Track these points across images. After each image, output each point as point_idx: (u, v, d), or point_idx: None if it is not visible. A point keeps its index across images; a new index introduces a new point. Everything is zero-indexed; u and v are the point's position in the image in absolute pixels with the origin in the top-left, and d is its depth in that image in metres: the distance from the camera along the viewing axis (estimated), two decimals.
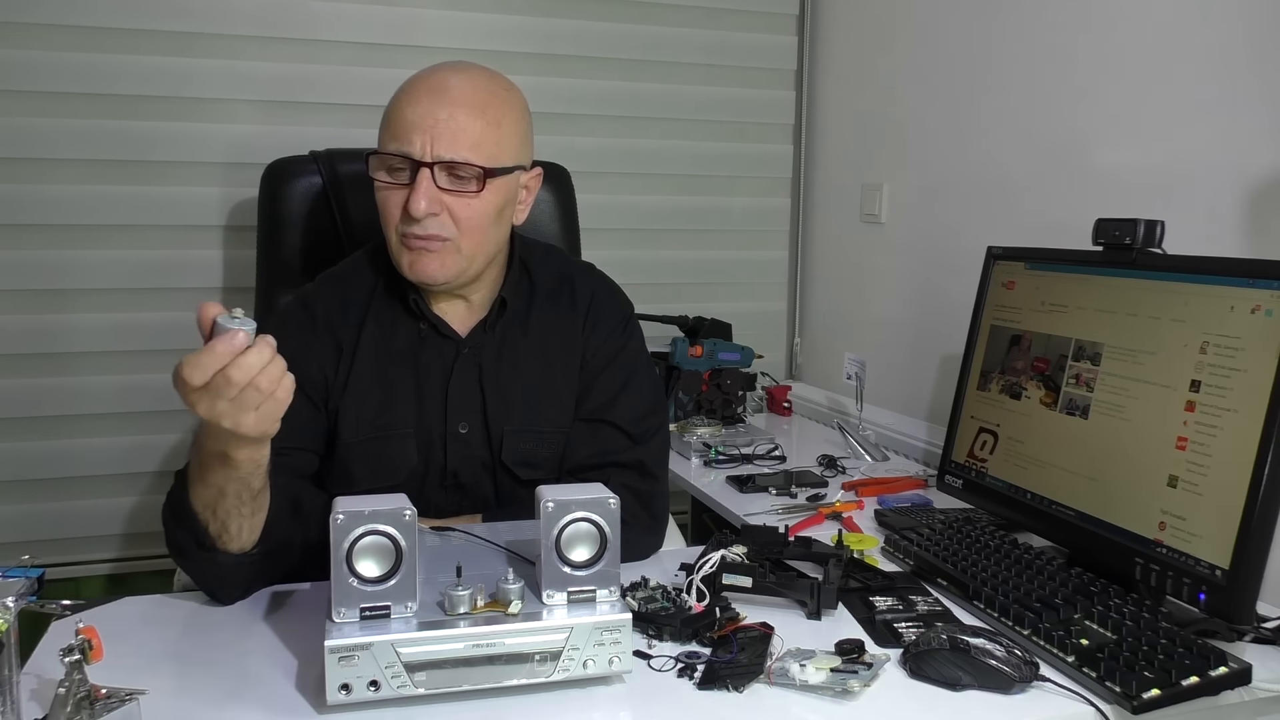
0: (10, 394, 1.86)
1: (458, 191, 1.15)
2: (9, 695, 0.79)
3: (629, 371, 1.31)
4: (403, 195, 1.14)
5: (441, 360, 1.26)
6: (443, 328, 1.26)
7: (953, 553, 1.24)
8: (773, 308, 2.45)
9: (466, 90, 1.16)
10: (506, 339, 1.28)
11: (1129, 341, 1.21)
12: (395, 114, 1.16)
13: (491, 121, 1.16)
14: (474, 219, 1.17)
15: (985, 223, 1.82)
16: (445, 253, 1.17)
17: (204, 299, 0.82)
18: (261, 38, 1.92)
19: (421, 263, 1.17)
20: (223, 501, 1.00)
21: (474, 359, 1.26)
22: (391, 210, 1.17)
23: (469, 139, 1.14)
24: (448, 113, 1.13)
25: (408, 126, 1.13)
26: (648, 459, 1.28)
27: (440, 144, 1.13)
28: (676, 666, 0.98)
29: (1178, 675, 0.93)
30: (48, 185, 1.84)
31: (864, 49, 2.20)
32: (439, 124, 1.13)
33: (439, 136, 1.13)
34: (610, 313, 1.33)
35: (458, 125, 1.14)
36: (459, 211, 1.16)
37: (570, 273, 1.35)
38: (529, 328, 1.29)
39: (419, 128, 1.13)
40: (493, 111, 1.17)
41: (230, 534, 1.03)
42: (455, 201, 1.15)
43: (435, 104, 1.14)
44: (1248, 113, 1.34)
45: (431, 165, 1.13)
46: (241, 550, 1.05)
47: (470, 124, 1.14)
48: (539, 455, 1.27)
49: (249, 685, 0.93)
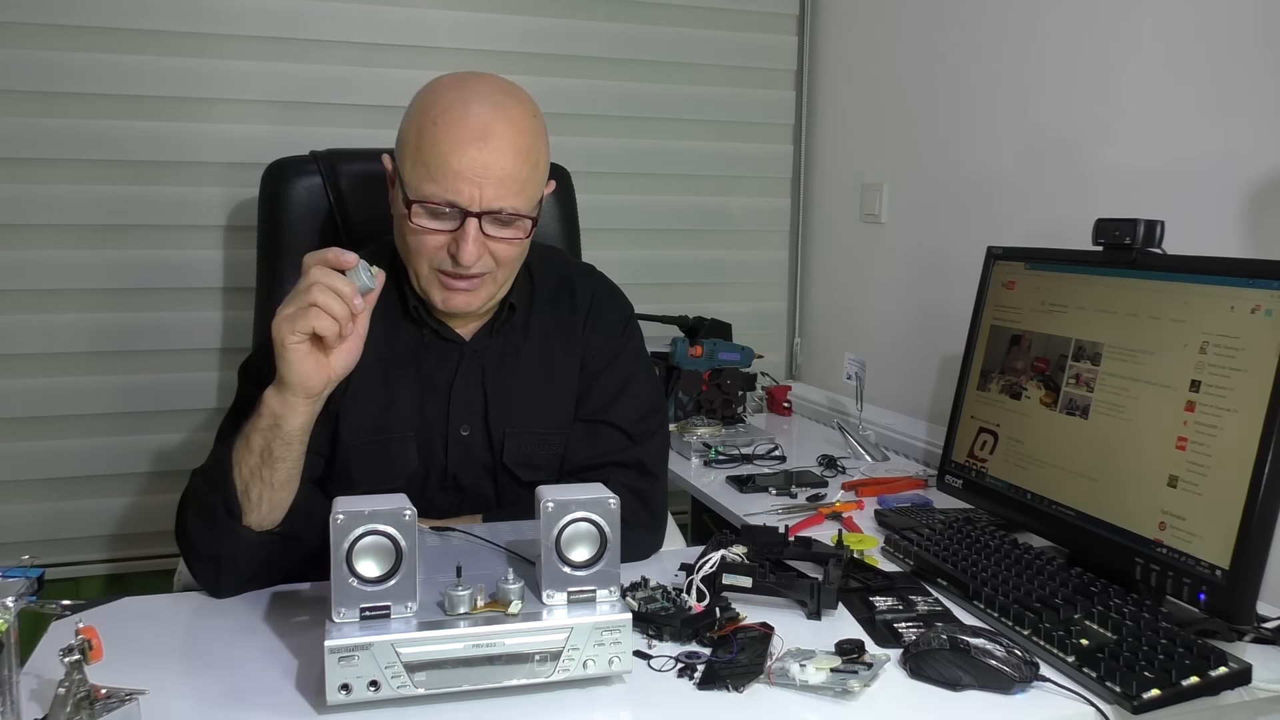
0: (11, 394, 1.86)
1: (503, 239, 1.16)
2: (9, 695, 0.79)
3: (629, 372, 1.32)
4: (443, 238, 1.14)
5: (445, 363, 1.26)
6: (445, 331, 1.26)
7: (953, 553, 1.24)
8: (773, 308, 2.45)
9: (509, 136, 1.13)
10: (508, 341, 1.28)
11: (1129, 341, 1.21)
12: (436, 158, 1.11)
13: (532, 164, 1.16)
14: (513, 255, 1.19)
15: (985, 223, 1.82)
16: (482, 286, 1.19)
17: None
18: (262, 38, 1.92)
19: (457, 299, 1.18)
20: (257, 468, 1.05)
21: (478, 362, 1.27)
22: (429, 250, 1.16)
23: (515, 187, 1.14)
24: (496, 160, 1.12)
25: (453, 175, 1.11)
26: (647, 458, 1.29)
27: (488, 194, 1.12)
28: (676, 666, 0.98)
29: (1178, 675, 0.93)
30: (48, 185, 1.84)
31: (864, 49, 2.20)
32: (487, 173, 1.11)
33: (486, 187, 1.12)
34: (610, 314, 1.33)
35: (505, 174, 1.12)
36: (500, 250, 1.17)
37: (570, 275, 1.35)
38: (530, 330, 1.29)
39: (465, 178, 1.11)
40: (533, 153, 1.16)
41: (251, 501, 1.06)
42: (500, 246, 1.16)
43: (482, 153, 1.11)
44: (1248, 113, 1.34)
45: (480, 215, 1.13)
46: (260, 527, 1.07)
47: (516, 171, 1.13)
48: (540, 457, 1.27)
49: (249, 685, 0.93)
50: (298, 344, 1.01)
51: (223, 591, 1.11)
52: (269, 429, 1.04)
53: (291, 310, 1.01)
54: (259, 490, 1.06)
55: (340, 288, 1.01)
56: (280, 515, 1.08)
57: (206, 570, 1.11)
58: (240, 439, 1.07)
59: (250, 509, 1.06)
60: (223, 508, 1.06)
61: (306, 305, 1.00)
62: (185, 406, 1.95)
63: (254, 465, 1.05)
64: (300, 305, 1.01)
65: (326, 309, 1.01)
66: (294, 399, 1.04)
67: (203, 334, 1.94)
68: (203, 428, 1.95)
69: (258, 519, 1.07)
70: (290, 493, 1.08)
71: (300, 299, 1.01)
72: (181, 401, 1.94)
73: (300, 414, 1.05)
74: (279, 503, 1.08)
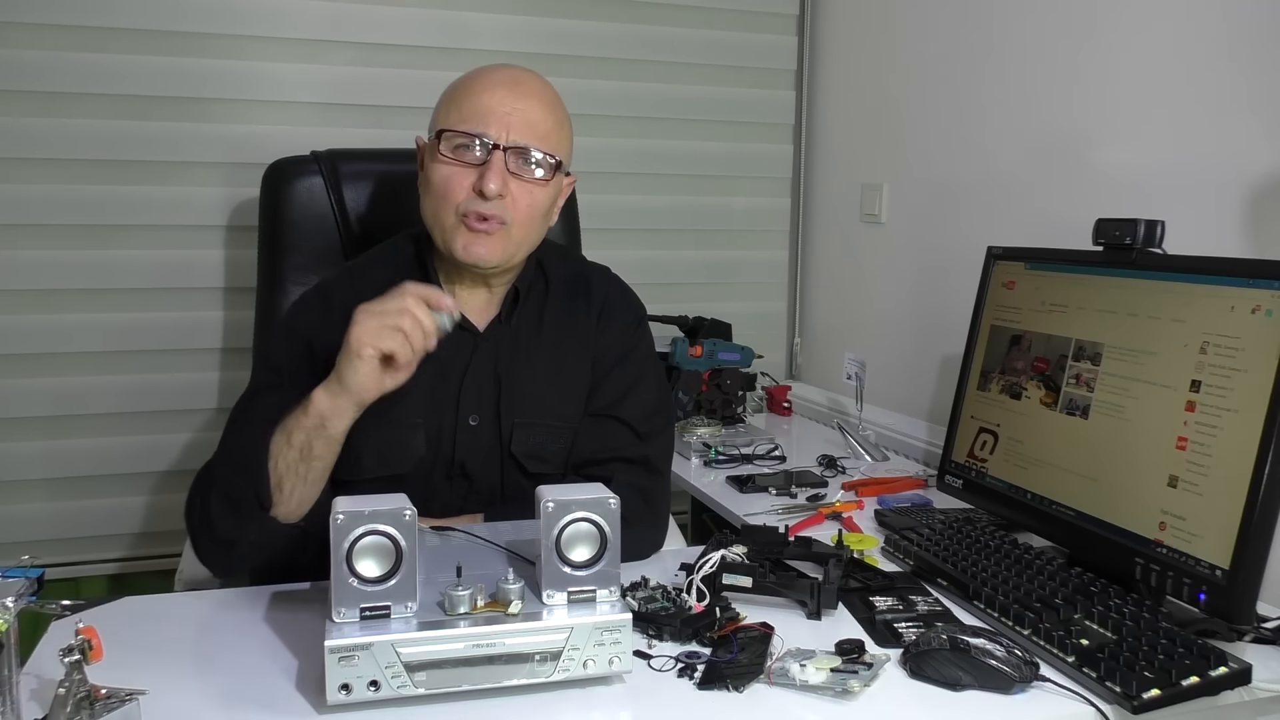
0: (10, 394, 1.86)
1: (524, 179, 1.20)
2: (9, 695, 0.79)
3: (639, 372, 1.33)
4: (470, 174, 1.18)
5: (459, 352, 1.27)
6: (462, 320, 1.27)
7: (953, 553, 1.24)
8: (773, 308, 2.45)
9: (539, 87, 1.23)
10: (522, 333, 1.30)
11: (1129, 341, 1.21)
12: (468, 99, 1.19)
13: (559, 120, 1.24)
14: (532, 207, 1.22)
15: (985, 223, 1.82)
16: (500, 236, 1.20)
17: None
18: (262, 38, 1.92)
19: (478, 244, 1.20)
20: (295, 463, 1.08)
21: (491, 352, 1.28)
22: (455, 189, 1.19)
23: (542, 130, 1.20)
24: (525, 104, 1.19)
25: (484, 111, 1.18)
26: (653, 455, 1.30)
27: (516, 130, 1.18)
28: (676, 666, 0.98)
29: (1178, 675, 0.93)
30: (48, 185, 1.84)
31: (864, 49, 2.20)
32: (515, 112, 1.18)
33: (515, 123, 1.18)
34: (623, 314, 1.36)
35: (535, 116, 1.20)
36: (520, 198, 1.20)
37: (586, 273, 1.38)
38: (544, 324, 1.31)
39: (495, 113, 1.18)
40: (559, 112, 1.25)
41: (283, 494, 1.09)
42: (520, 188, 1.20)
43: (512, 94, 1.19)
44: (1248, 113, 1.34)
45: (506, 149, 1.18)
46: (287, 520, 1.10)
47: (544, 117, 1.21)
48: (548, 449, 1.28)
49: (249, 685, 0.93)
50: (371, 356, 1.05)
51: (229, 572, 1.14)
52: (314, 428, 1.08)
53: (376, 325, 1.05)
54: (292, 484, 1.09)
55: (426, 323, 1.06)
56: (306, 510, 1.11)
57: (219, 553, 1.14)
58: (280, 433, 1.09)
59: (281, 501, 1.09)
60: (253, 497, 1.08)
61: (394, 327, 1.05)
62: (185, 406, 1.95)
63: (292, 460, 1.08)
64: (387, 324, 1.05)
65: (410, 336, 1.05)
66: (346, 404, 1.08)
67: (203, 334, 1.94)
68: (203, 428, 1.95)
69: (285, 511, 1.10)
70: (319, 489, 1.12)
71: (389, 317, 1.05)
72: (182, 401, 1.94)
73: (347, 418, 1.09)
74: (308, 498, 1.11)
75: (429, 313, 1.07)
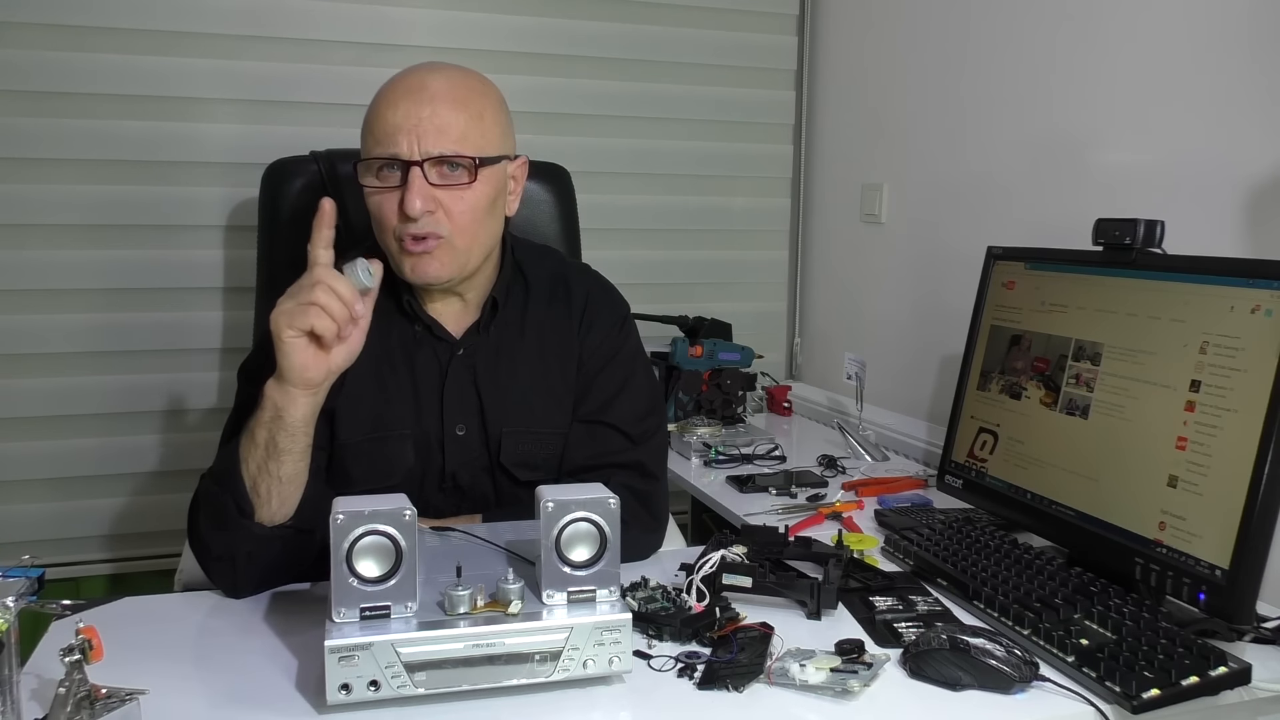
0: (10, 394, 1.86)
1: (450, 185, 1.15)
2: (9, 695, 0.79)
3: (627, 372, 1.31)
4: (395, 198, 1.14)
5: (437, 362, 1.26)
6: (437, 329, 1.26)
7: (953, 553, 1.24)
8: (773, 308, 2.45)
9: (444, 87, 1.16)
10: (503, 340, 1.28)
11: (1129, 341, 1.21)
12: (376, 119, 1.16)
13: (474, 114, 1.17)
14: (467, 212, 1.17)
15: (985, 223, 1.82)
16: (442, 251, 1.17)
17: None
18: (263, 38, 1.92)
19: (422, 264, 1.17)
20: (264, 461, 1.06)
21: (468, 361, 1.27)
22: (387, 215, 1.16)
23: (455, 133, 1.14)
24: (430, 110, 1.14)
25: (391, 129, 1.14)
26: (647, 459, 1.28)
27: (427, 140, 1.13)
28: (676, 666, 0.98)
29: (1178, 675, 0.93)
30: (48, 185, 1.84)
31: (864, 49, 2.20)
32: (423, 122, 1.13)
33: (425, 134, 1.13)
34: (606, 313, 1.33)
35: (442, 121, 1.14)
36: (452, 206, 1.16)
37: (565, 273, 1.35)
38: (525, 328, 1.29)
39: (403, 129, 1.13)
40: (473, 105, 1.17)
41: (260, 497, 1.06)
42: (448, 196, 1.15)
43: (416, 103, 1.14)
44: (1248, 112, 1.34)
45: (421, 163, 1.13)
46: (272, 522, 1.08)
47: (454, 118, 1.15)
48: (537, 456, 1.27)
49: (249, 685, 0.93)
50: (294, 338, 1.03)
51: (241, 591, 1.11)
52: (272, 421, 1.05)
53: (291, 305, 1.03)
54: (267, 485, 1.06)
55: (342, 290, 1.03)
56: (291, 509, 1.09)
57: (223, 570, 1.11)
58: (245, 434, 1.08)
59: (260, 504, 1.07)
60: (233, 506, 1.07)
61: (307, 303, 1.02)
62: (185, 406, 1.95)
63: (260, 459, 1.06)
64: (301, 301, 1.02)
65: (327, 308, 1.02)
66: (294, 390, 1.05)
67: (203, 334, 1.94)
68: (203, 428, 1.95)
69: (269, 514, 1.07)
70: (298, 487, 1.09)
71: (302, 295, 1.02)
72: (181, 401, 1.94)
73: (301, 405, 1.06)
74: (288, 497, 1.08)
75: (342, 279, 1.03)
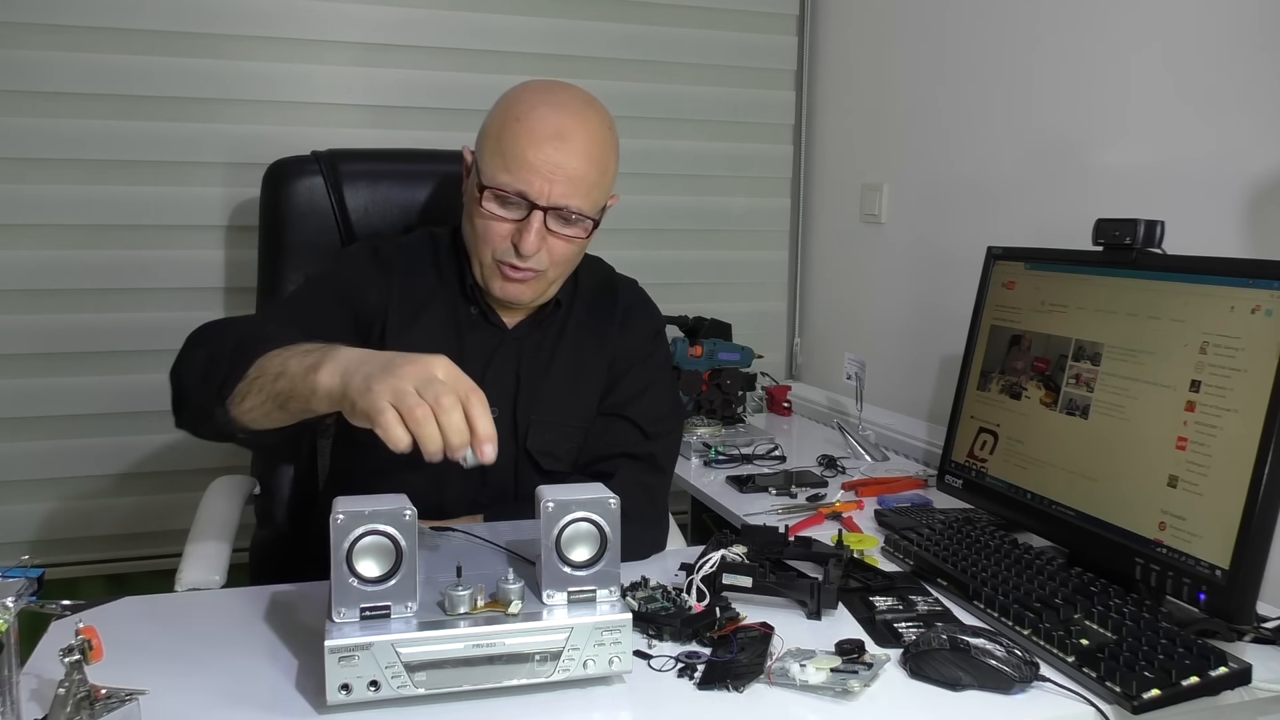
0: (10, 394, 1.86)
1: (564, 236, 1.21)
2: (9, 695, 0.79)
3: (652, 378, 1.36)
4: (510, 227, 1.20)
5: (485, 345, 1.30)
6: (492, 316, 1.31)
7: (953, 553, 1.24)
8: (773, 308, 2.45)
9: (584, 140, 1.20)
10: (546, 336, 1.33)
11: (1129, 341, 1.21)
12: (514, 150, 1.18)
13: (602, 171, 1.22)
14: (569, 256, 1.24)
15: (985, 223, 1.82)
16: (535, 281, 1.24)
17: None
18: (263, 38, 1.92)
19: (513, 290, 1.24)
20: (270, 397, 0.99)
21: (516, 349, 1.31)
22: (495, 237, 1.21)
23: (583, 189, 1.20)
24: (568, 161, 1.18)
25: (528, 168, 1.17)
26: (658, 453, 1.32)
27: (557, 190, 1.18)
28: (676, 666, 0.98)
29: (1178, 675, 0.93)
30: (48, 185, 1.84)
31: (864, 49, 2.20)
32: (558, 171, 1.17)
33: (556, 182, 1.18)
34: (643, 322, 1.39)
35: (576, 175, 1.18)
36: (557, 249, 1.22)
37: (615, 283, 1.41)
38: (568, 327, 1.34)
39: (539, 172, 1.17)
40: (604, 160, 1.23)
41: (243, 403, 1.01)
42: (557, 241, 1.22)
43: (558, 152, 1.17)
44: (1247, 112, 1.34)
45: (546, 209, 1.18)
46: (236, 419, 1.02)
47: (586, 174, 1.19)
48: (561, 447, 1.30)
49: (249, 685, 0.93)
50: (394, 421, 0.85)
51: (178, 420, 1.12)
52: (303, 394, 0.95)
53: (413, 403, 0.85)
54: (253, 404, 1.00)
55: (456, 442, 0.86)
56: (256, 429, 1.03)
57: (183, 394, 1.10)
58: (276, 364, 0.99)
59: (236, 402, 1.01)
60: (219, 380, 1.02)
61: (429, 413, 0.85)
62: None
63: (267, 392, 0.99)
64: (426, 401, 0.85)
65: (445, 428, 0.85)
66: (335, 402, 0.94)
67: None
68: None
69: (237, 413, 1.02)
70: (275, 426, 1.03)
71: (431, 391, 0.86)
72: None
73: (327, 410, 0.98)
74: (261, 422, 1.02)
75: (467, 438, 0.87)
